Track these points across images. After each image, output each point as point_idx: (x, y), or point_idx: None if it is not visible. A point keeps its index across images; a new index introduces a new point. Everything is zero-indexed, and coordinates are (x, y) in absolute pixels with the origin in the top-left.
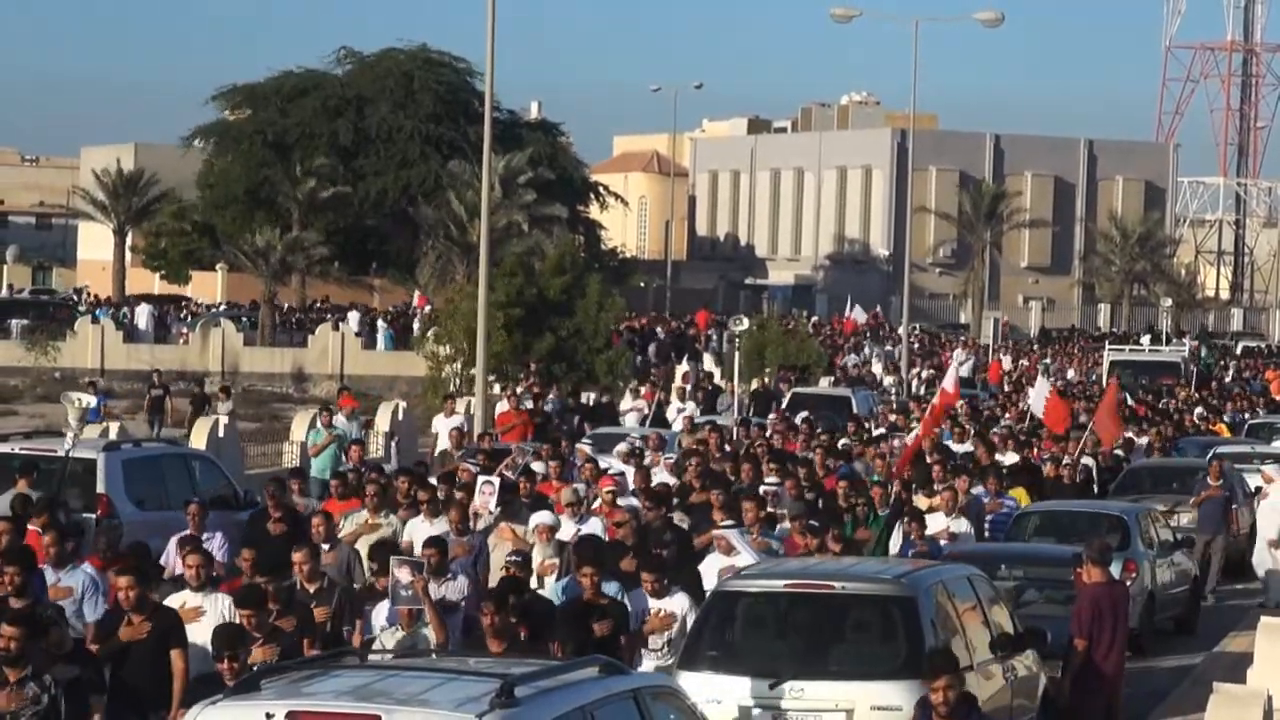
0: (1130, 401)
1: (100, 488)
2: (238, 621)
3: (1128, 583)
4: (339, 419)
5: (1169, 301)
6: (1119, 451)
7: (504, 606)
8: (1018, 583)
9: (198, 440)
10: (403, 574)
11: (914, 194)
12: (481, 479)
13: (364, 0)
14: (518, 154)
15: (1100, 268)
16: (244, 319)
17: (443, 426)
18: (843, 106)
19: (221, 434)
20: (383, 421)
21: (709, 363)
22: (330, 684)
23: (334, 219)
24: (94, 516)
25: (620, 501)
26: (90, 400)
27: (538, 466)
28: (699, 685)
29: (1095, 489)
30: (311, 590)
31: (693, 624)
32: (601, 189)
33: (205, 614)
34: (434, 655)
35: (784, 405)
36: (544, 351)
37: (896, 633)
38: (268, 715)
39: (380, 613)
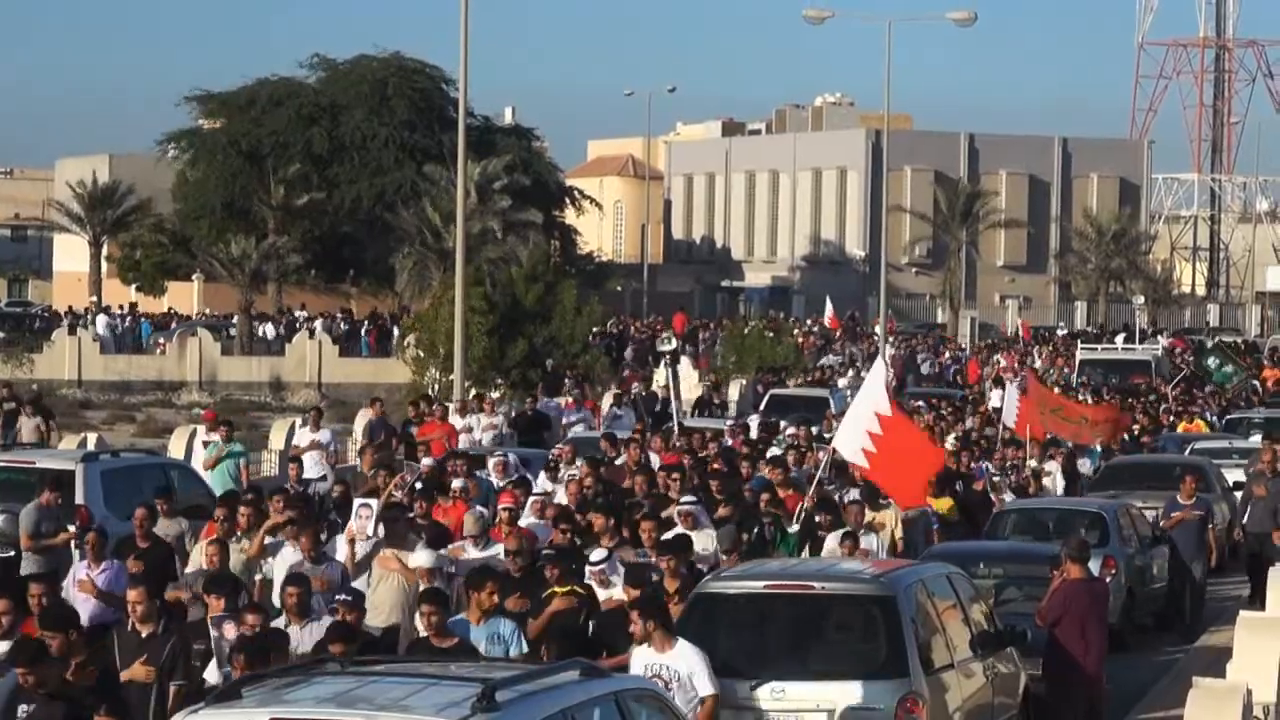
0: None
1: (79, 498)
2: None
3: (1107, 579)
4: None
5: (1141, 299)
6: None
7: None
8: (997, 581)
9: (176, 450)
10: (227, 630)
11: (889, 194)
12: (359, 501)
13: (336, 7)
14: (493, 160)
15: (1076, 265)
16: (222, 329)
17: (306, 443)
18: (817, 108)
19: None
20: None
21: (686, 365)
22: (312, 691)
23: (309, 227)
24: (73, 527)
25: (521, 522)
26: None
27: (457, 483)
28: None
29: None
30: (144, 634)
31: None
32: (576, 194)
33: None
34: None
35: (762, 407)
36: (518, 357)
37: (877, 632)
38: None
39: (212, 673)
